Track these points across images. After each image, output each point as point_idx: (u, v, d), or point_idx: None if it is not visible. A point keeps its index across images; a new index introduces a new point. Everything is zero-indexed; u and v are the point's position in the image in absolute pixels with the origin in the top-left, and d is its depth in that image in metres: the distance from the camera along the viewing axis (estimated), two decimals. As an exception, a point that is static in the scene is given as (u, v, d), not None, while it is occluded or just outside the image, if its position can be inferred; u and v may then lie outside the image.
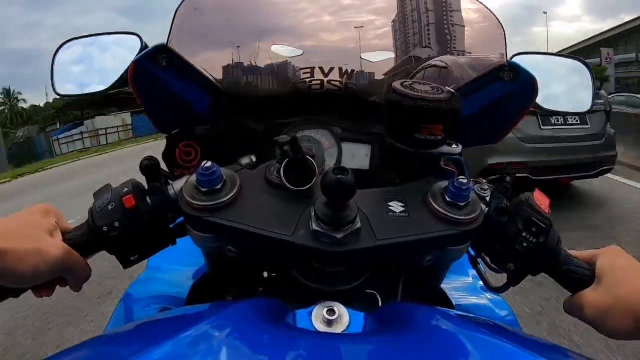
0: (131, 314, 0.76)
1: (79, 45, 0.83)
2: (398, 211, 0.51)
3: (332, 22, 0.72)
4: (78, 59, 0.82)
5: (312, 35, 0.72)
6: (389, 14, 0.74)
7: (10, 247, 0.45)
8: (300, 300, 0.49)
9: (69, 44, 0.82)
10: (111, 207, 0.51)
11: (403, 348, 0.37)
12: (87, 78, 0.81)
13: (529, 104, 0.67)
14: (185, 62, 0.64)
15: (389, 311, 0.50)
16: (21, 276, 0.46)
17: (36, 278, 0.48)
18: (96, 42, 0.82)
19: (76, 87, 0.80)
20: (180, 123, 0.70)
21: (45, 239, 0.48)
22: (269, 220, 0.49)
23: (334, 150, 0.71)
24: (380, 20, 0.73)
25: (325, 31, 0.72)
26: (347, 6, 0.74)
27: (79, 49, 0.83)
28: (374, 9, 0.73)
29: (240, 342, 0.36)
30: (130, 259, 0.54)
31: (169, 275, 0.82)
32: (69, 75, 0.81)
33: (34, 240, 0.47)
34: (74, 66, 0.82)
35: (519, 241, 0.53)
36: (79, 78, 0.81)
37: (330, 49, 0.71)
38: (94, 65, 0.82)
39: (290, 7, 0.72)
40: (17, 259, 0.45)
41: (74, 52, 0.82)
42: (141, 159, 0.53)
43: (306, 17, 0.72)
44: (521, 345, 0.38)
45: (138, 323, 0.50)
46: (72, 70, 0.82)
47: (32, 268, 0.46)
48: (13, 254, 0.45)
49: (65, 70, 0.81)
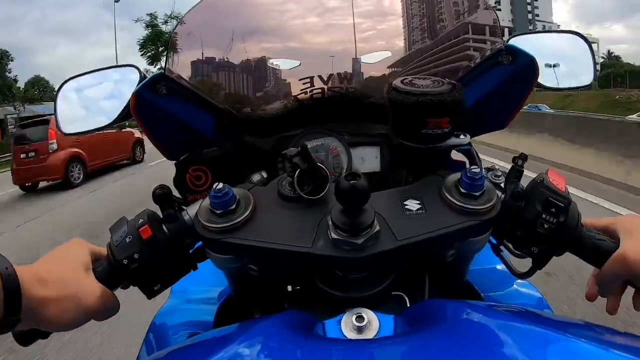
0: (160, 344, 0.77)
1: (80, 82, 0.84)
2: (415, 209, 0.51)
3: (327, 29, 0.72)
4: (80, 97, 0.83)
5: (308, 44, 0.72)
6: (383, 13, 0.74)
7: (51, 297, 0.46)
8: (327, 310, 0.49)
9: (69, 83, 0.83)
10: (129, 239, 0.52)
11: (437, 346, 0.36)
12: (90, 115, 0.82)
13: (531, 85, 0.67)
14: (184, 87, 0.64)
15: (418, 310, 0.49)
16: (61, 325, 0.47)
17: (73, 324, 0.48)
18: (96, 78, 0.83)
19: (82, 125, 0.81)
20: (187, 148, 0.71)
21: (81, 281, 0.49)
22: (287, 234, 0.49)
23: (343, 157, 0.71)
24: (374, 21, 0.73)
25: (320, 39, 0.72)
26: (336, 8, 0.74)
27: (80, 86, 0.84)
28: (365, 11, 0.73)
29: (271, 357, 0.36)
30: (154, 289, 0.55)
31: (194, 299, 0.82)
32: (74, 114, 0.82)
33: (72, 285, 0.48)
34: (77, 104, 0.83)
35: (540, 223, 0.52)
36: (83, 116, 0.82)
37: (326, 56, 0.71)
38: (96, 100, 0.83)
39: (284, 20, 0.73)
40: (57, 309, 0.46)
41: (75, 90, 0.83)
42: (153, 188, 0.53)
43: (300, 27, 0.72)
44: (555, 328, 0.38)
45: (169, 351, 0.50)
46: (76, 109, 0.83)
47: (71, 317, 0.47)
48: (54, 303, 0.46)
49: (69, 109, 0.82)
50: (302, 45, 0.72)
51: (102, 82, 0.83)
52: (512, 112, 0.73)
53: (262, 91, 0.73)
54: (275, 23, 0.72)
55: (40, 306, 0.45)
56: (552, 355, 0.34)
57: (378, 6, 0.76)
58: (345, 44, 0.70)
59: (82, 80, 0.84)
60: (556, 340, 0.35)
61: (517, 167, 0.56)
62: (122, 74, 0.80)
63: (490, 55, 0.65)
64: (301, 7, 0.73)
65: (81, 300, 0.48)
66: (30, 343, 0.53)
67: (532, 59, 0.63)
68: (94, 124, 0.78)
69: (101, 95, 0.83)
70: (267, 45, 0.72)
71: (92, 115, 0.81)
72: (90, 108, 0.83)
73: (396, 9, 0.75)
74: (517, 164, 0.56)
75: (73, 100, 0.83)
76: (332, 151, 0.71)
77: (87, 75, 0.84)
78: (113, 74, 0.82)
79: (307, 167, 0.50)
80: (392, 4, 0.75)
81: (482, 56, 0.67)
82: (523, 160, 0.56)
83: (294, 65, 0.71)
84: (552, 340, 0.35)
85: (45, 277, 0.46)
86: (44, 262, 0.49)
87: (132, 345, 2.33)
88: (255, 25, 0.72)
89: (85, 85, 0.84)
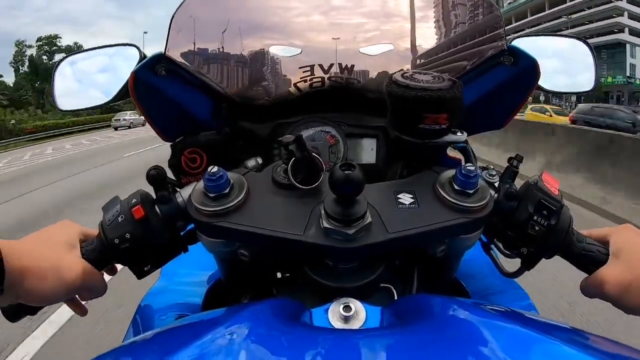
0: (147, 325, 0.77)
1: (79, 59, 0.83)
2: (408, 203, 0.51)
3: (328, 20, 0.71)
4: (78, 74, 0.82)
5: (309, 32, 0.72)
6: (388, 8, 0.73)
7: (31, 266, 0.46)
8: (315, 299, 0.49)
9: (68, 59, 0.83)
10: (121, 219, 0.52)
11: (421, 340, 0.36)
12: (89, 92, 0.81)
13: (532, 88, 0.67)
14: (184, 69, 0.64)
15: (405, 304, 0.49)
16: (40, 295, 0.47)
17: (55, 298, 0.48)
18: (95, 56, 0.82)
19: (78, 102, 0.80)
20: (184, 130, 0.70)
21: (65, 257, 0.49)
22: (279, 221, 0.49)
23: (339, 147, 0.71)
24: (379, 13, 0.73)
25: (322, 28, 0.71)
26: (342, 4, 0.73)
27: (79, 63, 0.83)
28: (371, 3, 0.73)
29: (257, 343, 0.36)
30: (144, 270, 0.55)
31: (183, 282, 0.82)
32: (71, 91, 0.81)
33: (55, 259, 0.48)
34: (75, 81, 0.82)
35: (531, 225, 0.53)
36: (81, 92, 0.82)
37: (328, 46, 0.71)
38: (95, 78, 0.82)
39: (286, 6, 0.72)
40: (37, 279, 0.46)
41: (73, 67, 0.83)
42: (148, 169, 0.53)
43: (302, 15, 0.72)
44: (539, 330, 0.38)
45: (156, 332, 0.50)
46: (73, 85, 0.82)
47: (51, 288, 0.47)
48: (34, 273, 0.46)
49: (66, 86, 0.81)
50: (304, 34, 0.71)
51: (102, 61, 0.82)
52: (511, 113, 0.73)
53: (262, 77, 0.72)
54: (278, 9, 0.71)
55: (21, 276, 0.45)
56: (533, 357, 0.34)
57: (384, 0, 0.75)
58: (348, 35, 0.70)
59: (81, 58, 0.84)
60: (538, 341, 0.36)
61: (511, 168, 0.56)
62: (122, 52, 0.79)
63: (492, 55, 0.65)
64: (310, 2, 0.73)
65: (62, 273, 0.47)
66: (18, 319, 0.53)
67: (534, 61, 0.62)
68: (91, 101, 0.78)
69: (100, 73, 0.82)
70: (269, 31, 0.71)
71: (89, 93, 0.81)
72: (88, 86, 0.82)
73: (402, 6, 0.74)
74: (512, 165, 0.56)
75: (71, 76, 0.82)
76: (329, 140, 0.71)
77: (87, 53, 0.84)
78: (113, 52, 0.81)
79: (301, 157, 0.50)
80: (399, 1, 0.75)
81: (484, 55, 0.67)
82: (518, 161, 0.57)
83: (294, 53, 0.71)
84: (534, 341, 0.36)
85: (28, 250, 0.47)
86: (29, 238, 0.50)
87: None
88: (258, 11, 0.72)
89: (84, 63, 0.83)
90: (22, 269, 0.45)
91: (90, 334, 2.50)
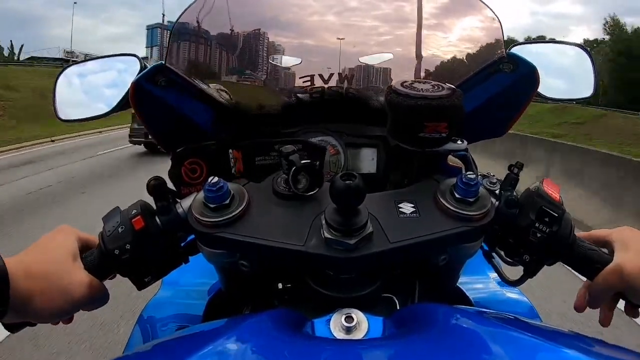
0: (148, 335, 0.76)
1: (79, 70, 0.83)
2: (409, 212, 0.51)
3: (327, 30, 0.72)
4: (79, 84, 0.82)
5: (309, 42, 0.72)
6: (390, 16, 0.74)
7: (36, 289, 0.45)
8: (317, 309, 0.48)
9: (69, 69, 0.83)
10: (121, 229, 0.51)
11: (424, 349, 0.36)
12: (90, 102, 0.81)
13: (531, 95, 0.67)
14: (184, 79, 0.64)
15: (407, 313, 0.49)
16: (47, 316, 0.47)
17: (62, 315, 0.48)
18: (96, 66, 0.82)
19: (79, 112, 0.80)
20: (184, 140, 0.70)
21: (70, 271, 0.48)
22: (280, 231, 0.49)
23: (340, 157, 0.71)
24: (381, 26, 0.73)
25: (322, 38, 0.72)
26: (351, 9, 0.73)
27: (80, 73, 0.83)
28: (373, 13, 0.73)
29: (259, 354, 0.36)
30: (145, 281, 0.54)
31: (184, 292, 0.81)
32: (71, 101, 0.81)
33: (59, 275, 0.47)
34: (76, 91, 0.82)
35: (533, 232, 0.52)
36: (81, 103, 0.82)
37: (327, 56, 0.71)
38: (96, 88, 0.82)
39: (287, 16, 0.72)
40: (44, 301, 0.45)
41: (74, 77, 0.83)
42: (148, 179, 0.53)
43: (302, 25, 0.72)
44: (543, 337, 0.38)
45: (156, 343, 0.50)
46: (74, 96, 0.82)
47: (58, 309, 0.47)
48: (40, 296, 0.45)
49: (67, 96, 0.81)
50: (304, 43, 0.72)
51: (103, 71, 0.83)
52: (511, 120, 0.73)
53: (262, 87, 0.73)
54: (278, 19, 0.72)
55: (28, 299, 0.44)
56: None
57: (386, 9, 0.75)
58: (348, 45, 0.70)
59: (82, 68, 0.84)
60: (542, 349, 0.36)
61: (512, 175, 0.56)
62: (123, 63, 0.79)
63: (491, 62, 0.65)
64: (305, 4, 0.73)
65: (69, 291, 0.47)
66: (18, 330, 0.53)
67: (533, 68, 0.63)
68: (92, 111, 0.78)
69: (101, 83, 0.82)
70: (269, 41, 0.72)
71: (90, 103, 0.81)
72: (89, 96, 0.82)
73: (402, 15, 0.74)
74: (513, 172, 0.56)
75: (72, 87, 0.82)
76: (329, 150, 0.71)
77: (88, 63, 0.84)
78: (115, 62, 0.81)
79: (302, 165, 0.50)
80: (401, 10, 0.75)
81: (483, 63, 0.67)
82: (519, 169, 0.56)
83: (294, 63, 0.71)
84: (539, 349, 0.36)
85: (33, 269, 0.46)
86: (31, 251, 0.49)
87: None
88: (259, 21, 0.72)
89: (86, 73, 0.83)
90: (28, 292, 0.44)
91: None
